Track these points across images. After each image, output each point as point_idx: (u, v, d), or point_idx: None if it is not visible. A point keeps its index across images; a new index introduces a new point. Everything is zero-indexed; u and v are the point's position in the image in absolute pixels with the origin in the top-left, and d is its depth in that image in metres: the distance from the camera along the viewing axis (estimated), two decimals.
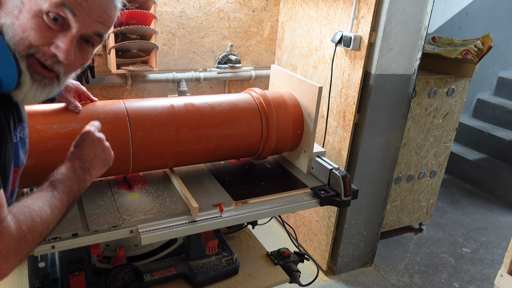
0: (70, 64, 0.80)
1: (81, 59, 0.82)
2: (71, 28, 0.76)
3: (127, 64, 2.29)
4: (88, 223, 1.18)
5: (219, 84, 2.77)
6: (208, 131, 1.41)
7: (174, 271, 1.45)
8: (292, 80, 1.66)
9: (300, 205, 1.44)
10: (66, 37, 0.76)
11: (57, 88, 0.82)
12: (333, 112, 2.31)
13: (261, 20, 2.74)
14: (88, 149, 0.92)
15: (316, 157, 1.62)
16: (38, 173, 1.17)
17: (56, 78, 0.81)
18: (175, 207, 1.30)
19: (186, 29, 2.52)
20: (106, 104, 1.32)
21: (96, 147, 0.93)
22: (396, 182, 2.80)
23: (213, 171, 1.56)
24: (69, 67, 0.81)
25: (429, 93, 2.62)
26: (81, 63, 0.83)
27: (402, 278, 2.64)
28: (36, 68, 0.77)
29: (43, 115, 1.21)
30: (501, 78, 4.54)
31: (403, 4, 1.98)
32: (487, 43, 2.75)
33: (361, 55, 2.07)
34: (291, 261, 1.60)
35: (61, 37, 0.76)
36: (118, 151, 1.26)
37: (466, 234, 3.19)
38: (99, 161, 0.94)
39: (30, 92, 0.78)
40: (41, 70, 0.78)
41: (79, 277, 1.26)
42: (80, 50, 0.81)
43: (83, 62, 0.84)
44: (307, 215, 2.69)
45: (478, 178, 3.94)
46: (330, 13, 2.24)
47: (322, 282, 2.54)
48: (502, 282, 1.61)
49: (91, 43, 0.82)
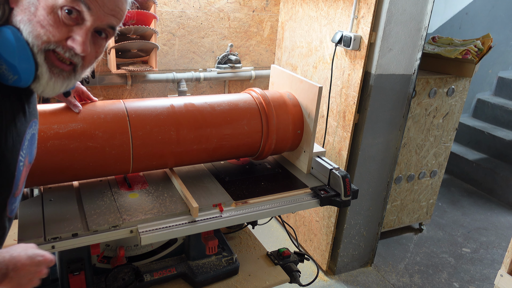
0: (87, 57, 0.83)
1: (95, 51, 0.85)
2: (86, 21, 0.79)
3: (127, 64, 2.29)
4: (88, 223, 1.18)
5: (219, 84, 2.77)
6: (208, 131, 1.41)
7: (174, 271, 1.45)
8: (292, 80, 1.66)
9: (300, 205, 1.44)
10: (82, 30, 0.79)
11: (73, 80, 0.86)
12: (333, 112, 2.31)
13: (261, 20, 2.74)
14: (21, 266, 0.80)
15: (316, 157, 1.62)
16: (38, 173, 1.17)
17: (73, 70, 0.84)
18: (175, 207, 1.30)
19: (186, 29, 2.52)
20: (106, 104, 1.32)
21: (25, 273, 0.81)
22: (396, 182, 2.80)
23: (213, 171, 1.56)
24: (85, 60, 0.84)
25: (429, 93, 2.62)
26: (96, 55, 0.87)
27: (402, 278, 2.64)
28: (54, 62, 0.80)
29: (43, 115, 1.21)
30: (501, 78, 4.54)
31: (403, 4, 1.98)
32: (487, 43, 2.75)
33: (361, 55, 2.07)
34: (291, 261, 1.60)
35: (77, 30, 0.79)
36: (118, 151, 1.27)
37: (466, 234, 3.19)
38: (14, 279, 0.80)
39: (49, 85, 0.81)
40: (59, 64, 0.81)
41: (79, 277, 1.26)
42: (94, 43, 0.84)
43: (98, 55, 0.87)
44: (307, 215, 2.69)
45: (478, 178, 3.94)
46: (330, 13, 2.24)
47: (322, 282, 2.54)
48: (502, 282, 1.61)
49: (104, 35, 0.85)
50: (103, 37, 0.85)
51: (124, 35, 2.19)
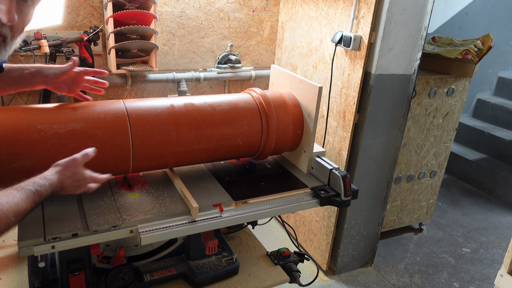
0: (14, 26, 0.80)
1: (23, 20, 0.82)
2: None
3: (127, 64, 2.29)
4: (88, 223, 1.18)
5: (219, 84, 2.77)
6: (208, 131, 1.41)
7: (174, 271, 1.45)
8: (292, 80, 1.66)
9: (300, 205, 1.44)
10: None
11: (4, 52, 0.83)
12: (333, 112, 2.31)
13: (261, 20, 2.74)
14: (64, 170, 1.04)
15: (316, 157, 1.61)
16: (38, 173, 1.17)
17: (3, 42, 0.81)
18: (175, 207, 1.30)
19: (186, 29, 2.52)
20: (106, 104, 1.32)
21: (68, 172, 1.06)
22: (396, 182, 2.80)
23: (213, 171, 1.56)
24: (14, 30, 0.81)
25: (429, 93, 2.62)
26: (23, 24, 0.83)
27: (402, 278, 2.64)
28: None
29: (43, 115, 1.21)
30: (501, 78, 4.54)
31: (403, 4, 1.98)
32: (487, 43, 2.75)
33: (361, 55, 2.07)
34: (291, 261, 1.60)
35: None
36: (118, 151, 1.27)
37: (466, 234, 3.19)
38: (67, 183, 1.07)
39: None
40: None
41: (79, 277, 1.26)
42: (20, 10, 0.80)
43: (25, 23, 0.84)
44: (307, 215, 2.69)
45: (478, 178, 3.94)
46: (330, 13, 2.24)
47: (322, 282, 2.54)
48: (502, 282, 1.61)
49: (30, 1, 0.82)
50: (29, 4, 0.81)
51: (124, 35, 2.19)
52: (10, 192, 0.89)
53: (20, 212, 0.88)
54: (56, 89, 1.32)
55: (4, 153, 1.12)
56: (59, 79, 1.29)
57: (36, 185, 0.96)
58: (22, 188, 0.93)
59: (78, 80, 1.34)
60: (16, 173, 1.16)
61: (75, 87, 1.35)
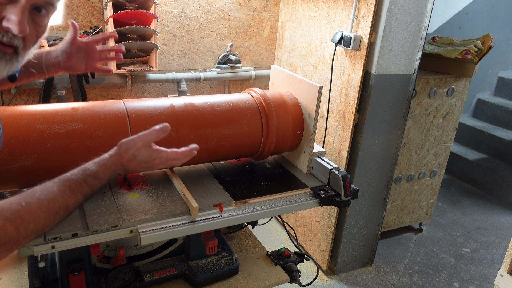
0: (27, 37, 0.78)
1: (36, 31, 0.79)
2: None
3: (127, 64, 2.29)
4: (88, 223, 1.18)
5: (219, 84, 2.77)
6: (208, 131, 1.41)
7: (174, 271, 1.45)
8: (292, 80, 1.66)
9: (300, 205, 1.44)
10: (16, 8, 0.72)
11: (16, 63, 0.80)
12: (333, 112, 2.31)
13: (261, 20, 2.74)
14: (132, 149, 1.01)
15: (316, 157, 1.61)
16: (39, 173, 1.17)
17: (15, 53, 0.78)
18: (175, 207, 1.30)
19: (186, 29, 2.52)
20: (106, 104, 1.32)
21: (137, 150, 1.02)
22: (396, 182, 2.80)
23: (213, 171, 1.56)
24: (26, 41, 0.78)
25: (429, 93, 2.62)
26: (37, 35, 0.81)
27: (402, 278, 2.64)
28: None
29: (43, 115, 1.21)
30: (501, 78, 4.54)
31: (403, 4, 1.98)
32: (487, 43, 2.75)
33: (361, 55, 2.07)
34: (291, 261, 1.60)
35: (11, 9, 0.72)
36: None
37: (466, 234, 3.19)
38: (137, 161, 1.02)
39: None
40: None
41: (79, 277, 1.26)
42: (33, 21, 0.78)
43: (39, 34, 0.81)
44: (307, 215, 2.69)
45: (478, 178, 3.94)
46: (330, 13, 2.24)
47: (322, 282, 2.54)
48: (502, 282, 1.61)
49: (45, 12, 0.79)
50: (43, 14, 0.79)
51: (124, 35, 2.19)
52: (47, 188, 0.84)
53: (60, 208, 0.85)
54: (71, 69, 1.25)
55: (4, 153, 1.12)
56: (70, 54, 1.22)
57: (86, 173, 0.92)
58: (67, 180, 0.88)
59: (91, 52, 1.26)
60: (16, 173, 1.16)
61: (90, 60, 1.27)
